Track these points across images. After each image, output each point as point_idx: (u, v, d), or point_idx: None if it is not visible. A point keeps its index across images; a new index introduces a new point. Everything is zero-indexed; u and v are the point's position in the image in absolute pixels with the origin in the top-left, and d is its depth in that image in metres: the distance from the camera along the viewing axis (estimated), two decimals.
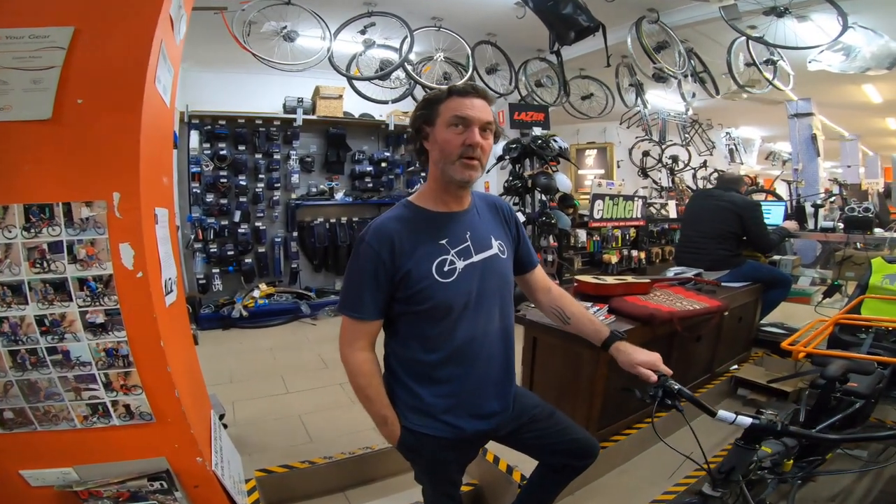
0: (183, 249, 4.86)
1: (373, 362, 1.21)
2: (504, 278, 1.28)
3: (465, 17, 4.20)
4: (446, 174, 1.16)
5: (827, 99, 6.41)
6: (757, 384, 3.03)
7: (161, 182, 1.67)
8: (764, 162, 10.08)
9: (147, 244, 1.38)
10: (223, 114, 4.87)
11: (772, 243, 3.44)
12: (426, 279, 1.15)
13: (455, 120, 1.13)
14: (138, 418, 1.37)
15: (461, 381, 1.21)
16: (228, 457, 1.80)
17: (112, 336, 1.32)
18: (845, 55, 3.52)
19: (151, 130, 1.46)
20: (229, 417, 2.60)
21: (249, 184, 5.04)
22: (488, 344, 1.24)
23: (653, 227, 6.63)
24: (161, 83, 1.55)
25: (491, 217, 1.32)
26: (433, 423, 1.21)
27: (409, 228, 1.18)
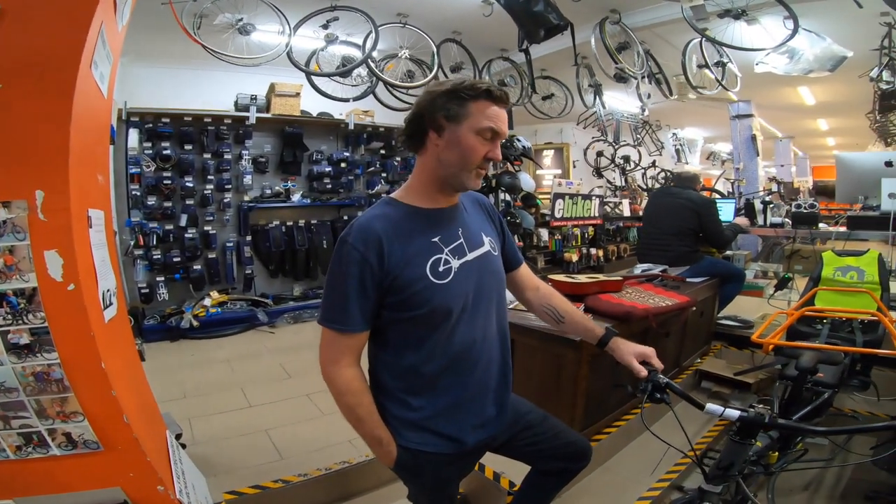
0: (122, 257, 4.46)
1: (361, 379, 1.10)
2: (499, 276, 1.22)
3: (432, 15, 4.13)
4: (457, 179, 1.08)
5: (766, 101, 6.84)
6: (720, 377, 3.13)
7: (95, 180, 1.49)
8: (705, 162, 10.65)
9: (79, 251, 1.21)
10: (167, 111, 4.52)
11: (727, 239, 3.58)
12: (420, 281, 1.05)
13: (487, 131, 1.05)
14: (83, 447, 1.24)
15: (461, 390, 1.13)
16: (192, 481, 1.67)
17: (41, 358, 1.16)
18: (790, 57, 3.72)
19: (85, 121, 1.29)
20: (187, 436, 2.40)
21: (197, 185, 4.70)
22: (487, 348, 1.16)
23: (609, 226, 6.83)
24: (98, 70, 1.38)
25: (477, 213, 1.24)
26: (433, 438, 1.12)
27: (397, 227, 1.07)
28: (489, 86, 1.06)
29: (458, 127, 1.04)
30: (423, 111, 1.07)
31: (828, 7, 3.53)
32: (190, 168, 4.64)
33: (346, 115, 5.31)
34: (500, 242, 1.28)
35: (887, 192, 3.09)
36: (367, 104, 4.99)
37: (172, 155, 4.53)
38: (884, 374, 2.75)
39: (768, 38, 3.57)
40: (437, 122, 1.05)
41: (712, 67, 4.16)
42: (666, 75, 4.72)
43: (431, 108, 1.06)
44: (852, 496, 2.05)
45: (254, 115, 4.79)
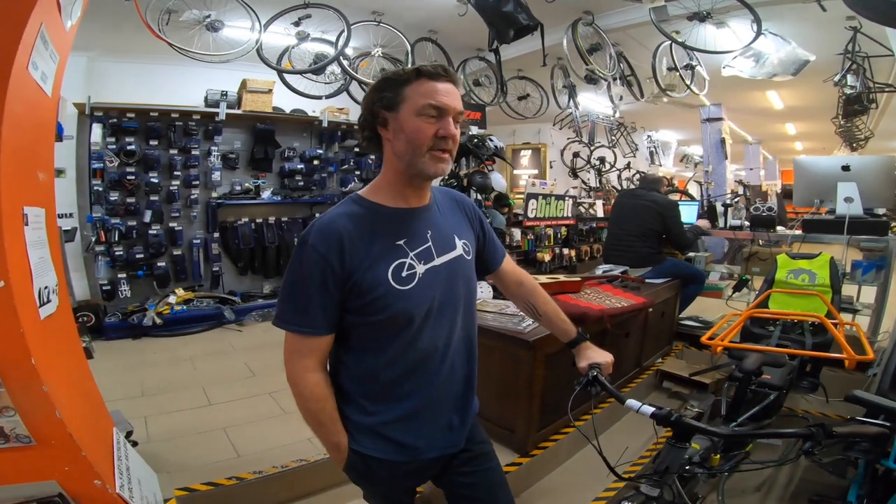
0: (83, 253, 4.35)
1: (325, 384, 1.05)
2: (469, 282, 1.15)
3: (407, 13, 4.11)
4: (414, 167, 1.01)
5: (736, 105, 7.01)
6: (680, 377, 3.20)
7: (35, 177, 1.47)
8: (679, 164, 10.87)
9: (10, 249, 1.20)
10: (132, 106, 4.41)
11: (689, 241, 3.66)
12: (381, 286, 0.99)
13: (428, 109, 0.98)
14: (15, 441, 1.25)
15: (421, 398, 1.08)
16: (138, 476, 1.67)
17: None
18: (755, 61, 3.81)
19: (21, 119, 1.28)
20: (141, 434, 2.36)
21: (163, 181, 4.60)
22: (451, 355, 1.11)
23: (582, 226, 6.92)
24: (39, 69, 1.36)
25: (453, 214, 1.18)
26: (387, 445, 1.07)
27: (360, 227, 1.01)
28: (418, 66, 1.02)
29: (398, 114, 1.00)
30: (366, 110, 1.05)
31: (794, 10, 3.59)
32: (155, 164, 4.53)
33: (319, 113, 5.26)
34: (479, 243, 1.25)
35: (842, 195, 3.20)
36: (341, 102, 4.96)
37: (137, 150, 4.42)
38: (834, 376, 2.85)
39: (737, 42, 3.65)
40: (381, 117, 1.02)
41: (681, 70, 4.24)
42: (638, 77, 4.80)
43: (371, 105, 1.03)
44: (802, 497, 2.09)
45: (224, 111, 4.70)
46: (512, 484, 2.02)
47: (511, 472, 2.05)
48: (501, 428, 2.23)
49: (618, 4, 3.78)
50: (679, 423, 1.22)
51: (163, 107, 4.54)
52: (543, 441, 2.21)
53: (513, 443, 2.19)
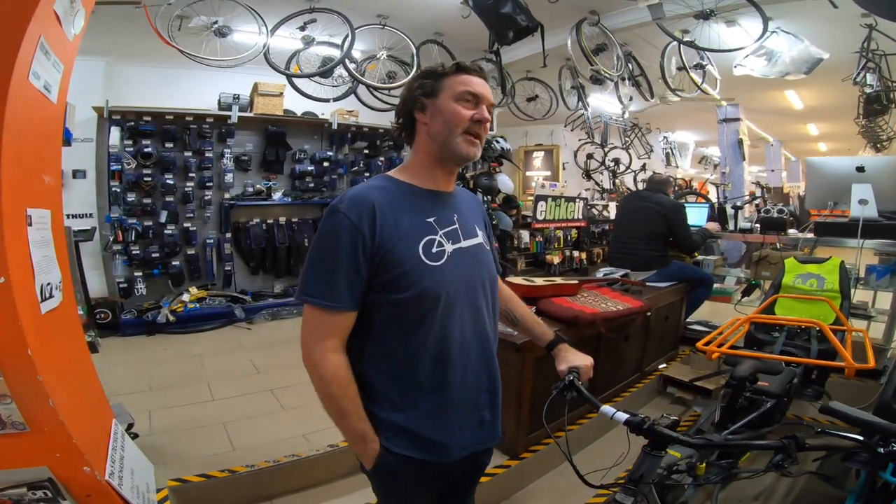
0: (102, 252, 4.52)
1: (348, 367, 1.00)
2: (491, 270, 1.15)
3: (412, 16, 4.14)
4: (447, 148, 1.04)
5: (753, 104, 6.83)
6: (683, 382, 3.15)
7: (40, 181, 1.55)
8: (697, 166, 10.65)
9: (11, 248, 1.28)
10: (149, 110, 4.56)
11: (695, 244, 3.60)
12: (411, 260, 0.98)
13: (466, 95, 1.04)
14: (11, 427, 1.32)
15: (451, 390, 1.04)
16: (132, 466, 1.74)
17: None
18: (767, 60, 3.72)
19: (23, 126, 1.35)
20: (144, 426, 2.45)
21: (178, 183, 4.74)
22: (480, 344, 1.09)
23: (594, 229, 6.83)
24: (41, 79, 1.44)
25: (475, 209, 1.21)
26: (420, 444, 1.03)
27: (392, 200, 1.01)
28: (458, 61, 1.09)
29: (437, 99, 1.05)
30: (405, 100, 1.11)
31: (806, 8, 3.50)
32: (171, 165, 4.68)
33: (330, 115, 5.34)
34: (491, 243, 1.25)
35: (857, 197, 3.10)
36: (351, 104, 5.02)
37: (153, 152, 4.57)
38: (845, 383, 2.77)
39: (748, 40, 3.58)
40: (420, 102, 1.07)
41: (691, 70, 4.17)
42: (648, 78, 4.73)
43: (411, 93, 1.09)
44: None
45: (236, 114, 4.82)
46: (501, 486, 2.08)
47: (499, 475, 2.06)
48: None
49: (622, 4, 3.73)
50: (652, 431, 1.21)
51: (178, 110, 4.68)
52: (534, 444, 2.20)
53: (502, 445, 2.19)
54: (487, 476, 2.03)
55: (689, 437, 1.21)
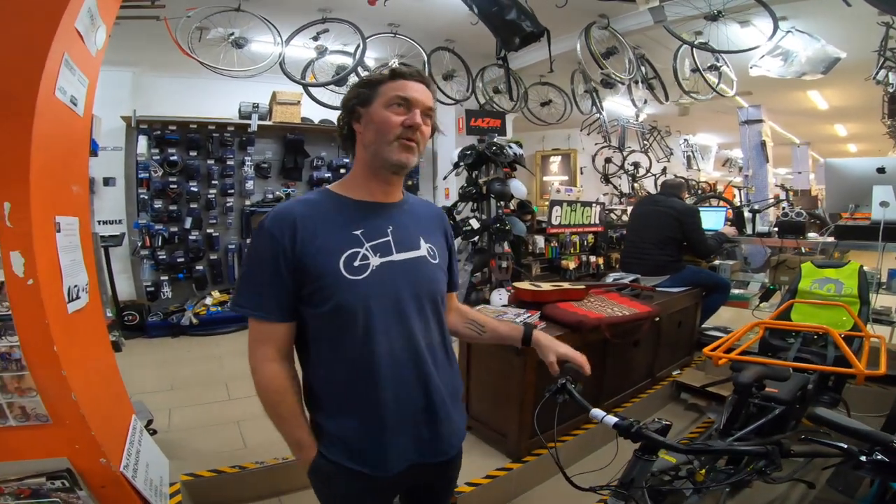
0: (130, 256, 4.73)
1: (285, 375, 1.02)
2: (434, 285, 1.10)
3: (422, 24, 4.22)
4: (380, 156, 1.03)
5: (776, 105, 6.67)
6: (697, 388, 3.11)
7: (69, 190, 1.64)
8: (721, 168, 10.43)
9: (40, 252, 1.38)
10: (174, 119, 4.77)
11: (710, 248, 3.55)
12: (330, 274, 0.97)
13: (397, 100, 1.02)
14: (35, 419, 1.39)
15: (381, 405, 1.02)
16: (147, 460, 1.80)
17: (4, 341, 1.33)
18: (783, 60, 3.65)
19: (52, 140, 1.45)
20: (163, 423, 2.56)
21: (202, 190, 4.93)
22: (413, 362, 1.04)
23: (612, 233, 6.77)
24: (67, 93, 1.53)
25: (427, 221, 1.17)
26: (351, 453, 1.03)
27: (318, 213, 1.02)
28: (395, 67, 1.09)
29: (371, 108, 1.04)
30: (345, 107, 1.10)
31: (821, 7, 3.43)
32: (195, 173, 4.87)
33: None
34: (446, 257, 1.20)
35: (878, 199, 3.01)
36: None
37: (179, 161, 4.77)
38: (867, 391, 2.70)
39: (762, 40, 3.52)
40: (356, 112, 1.06)
41: (705, 71, 4.12)
42: (662, 80, 4.69)
43: (349, 101, 1.08)
44: None
45: (255, 122, 4.98)
46: (502, 489, 2.10)
47: (501, 478, 2.08)
48: (495, 432, 2.26)
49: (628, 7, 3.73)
50: (640, 435, 1.22)
51: (201, 119, 4.88)
52: (538, 448, 2.21)
53: (505, 448, 2.22)
54: (489, 479, 2.06)
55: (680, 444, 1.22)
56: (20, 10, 1.34)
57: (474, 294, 4.37)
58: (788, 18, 3.57)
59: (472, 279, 4.40)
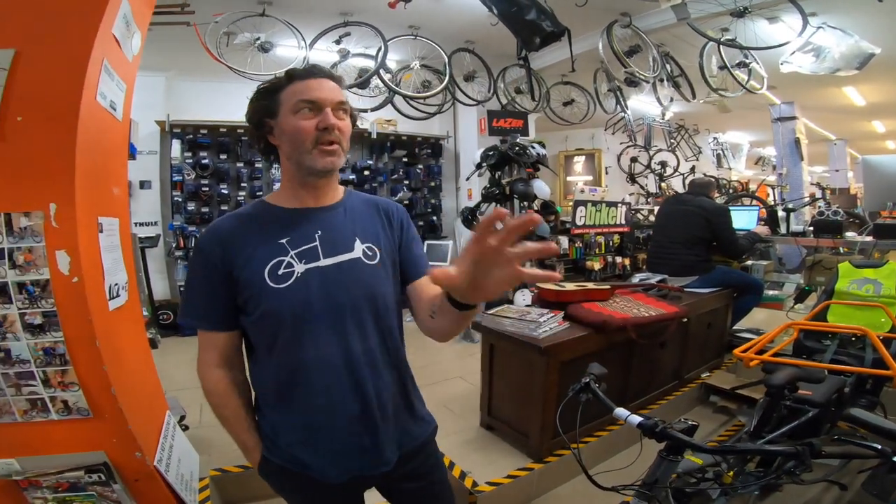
0: (165, 257, 4.91)
1: (227, 381, 1.06)
2: (371, 288, 1.04)
3: (442, 26, 4.26)
4: (303, 166, 1.00)
5: (810, 102, 6.44)
6: (726, 391, 3.03)
7: (110, 192, 1.71)
8: (754, 167, 10.11)
9: (84, 251, 1.43)
10: (205, 123, 4.93)
11: (741, 248, 3.45)
12: (256, 284, 0.98)
13: (302, 104, 0.98)
14: (76, 413, 1.43)
15: (315, 411, 1.02)
16: (179, 455, 1.83)
17: (49, 336, 1.39)
18: (815, 56, 3.54)
19: (93, 143, 1.50)
20: (196, 419, 2.63)
21: (232, 192, 5.08)
22: (346, 368, 1.01)
23: (639, 234, 6.65)
24: (107, 98, 1.59)
25: (366, 218, 1.11)
26: (290, 457, 1.04)
27: (247, 226, 1.04)
28: (290, 68, 1.04)
29: (279, 118, 1.01)
30: (251, 122, 1.07)
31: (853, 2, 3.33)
32: (225, 176, 5.03)
33: (369, 125, 5.54)
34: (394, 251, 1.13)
35: None
36: (389, 113, 5.19)
37: (210, 164, 4.93)
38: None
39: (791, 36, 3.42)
40: (267, 126, 1.04)
41: (733, 68, 4.02)
42: (689, 78, 4.59)
43: (254, 116, 1.05)
44: None
45: None
46: (523, 490, 2.10)
47: (522, 478, 2.08)
48: (516, 432, 2.26)
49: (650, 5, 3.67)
50: (665, 435, 1.21)
51: (230, 122, 5.02)
52: (561, 449, 2.20)
53: (527, 448, 2.22)
54: (509, 478, 2.06)
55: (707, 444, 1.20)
56: (63, 17, 1.40)
57: None
58: (818, 14, 3.46)
59: None
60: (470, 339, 4.15)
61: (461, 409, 2.81)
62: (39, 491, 1.48)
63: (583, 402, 1.31)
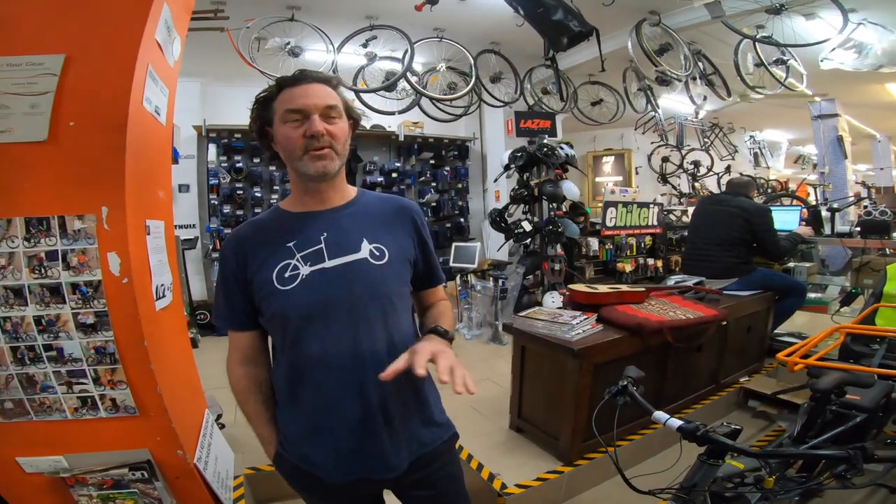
0: (202, 259, 5.08)
1: (249, 378, 1.12)
2: (375, 288, 1.05)
3: (467, 28, 4.26)
4: (299, 172, 1.04)
5: (852, 99, 6.17)
6: (766, 395, 2.93)
7: (156, 196, 1.76)
8: (793, 166, 9.72)
9: (133, 253, 1.46)
10: (239, 127, 5.06)
11: (783, 250, 3.32)
12: (266, 286, 1.03)
13: (290, 114, 1.01)
14: (123, 411, 1.47)
15: (319, 410, 1.05)
16: (217, 453, 1.86)
17: (101, 335, 1.43)
18: (857, 52, 3.40)
19: (141, 148, 1.54)
20: (230, 418, 2.68)
21: (264, 195, 5.21)
22: (352, 369, 1.02)
23: (671, 235, 6.48)
24: (152, 103, 1.62)
25: (378, 219, 1.11)
26: (299, 455, 1.08)
27: (261, 232, 1.09)
28: (280, 77, 1.08)
29: (274, 127, 1.05)
30: (254, 132, 1.11)
31: None
32: (259, 179, 5.17)
33: (396, 128, 5.59)
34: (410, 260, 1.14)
35: None
36: (416, 116, 5.23)
37: (244, 167, 5.08)
38: None
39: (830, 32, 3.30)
40: (268, 135, 1.08)
41: (770, 66, 3.88)
42: (723, 76, 4.46)
43: (254, 125, 1.10)
44: None
45: None
46: (552, 492, 2.08)
47: (551, 481, 2.06)
48: (547, 434, 2.24)
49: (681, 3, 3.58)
50: (707, 439, 1.18)
51: None
52: (591, 452, 2.17)
53: (556, 450, 2.19)
54: (539, 481, 2.04)
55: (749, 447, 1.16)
56: (109, 22, 1.44)
57: (526, 297, 4.34)
58: (857, 10, 3.32)
59: (525, 282, 4.37)
60: (499, 342, 4.13)
61: (490, 412, 2.79)
62: (85, 488, 1.52)
63: (620, 406, 1.29)
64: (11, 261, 1.42)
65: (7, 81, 1.41)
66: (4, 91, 1.41)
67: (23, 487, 1.52)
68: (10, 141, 1.40)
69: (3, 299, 1.40)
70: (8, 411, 1.45)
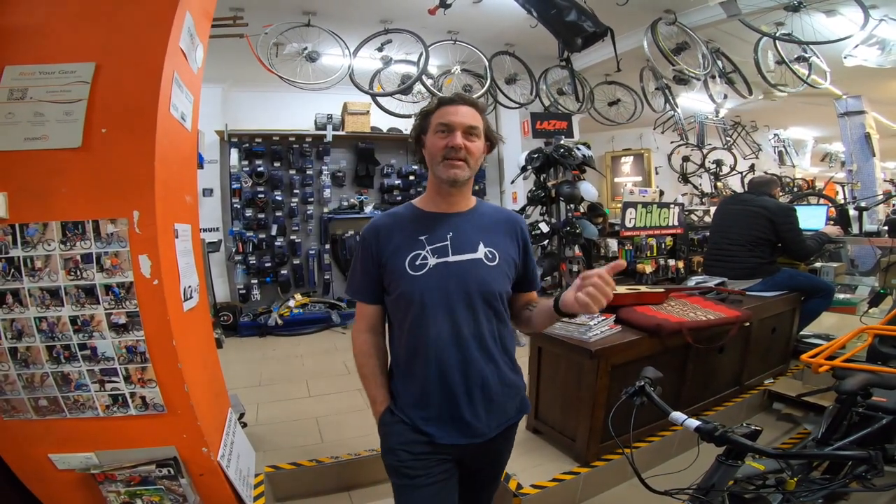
0: (225, 262, 5.20)
1: (371, 344, 1.32)
2: (485, 285, 1.23)
3: (481, 30, 4.27)
4: (436, 175, 1.24)
5: (880, 96, 5.97)
6: (790, 398, 2.86)
7: (183, 200, 1.80)
8: (820, 164, 9.44)
9: (163, 255, 1.52)
10: (259, 132, 5.17)
11: (808, 250, 3.24)
12: (398, 270, 1.22)
13: (440, 126, 1.22)
14: (152, 409, 1.54)
15: (427, 380, 1.22)
16: (239, 451, 1.91)
17: (132, 335, 1.50)
18: (881, 49, 3.31)
19: (169, 154, 1.60)
20: (252, 417, 2.76)
21: (285, 199, 5.30)
22: (457, 348, 1.20)
23: (693, 235, 6.35)
24: (178, 110, 1.68)
25: (492, 227, 1.30)
26: (404, 414, 1.25)
27: (397, 223, 1.28)
28: (441, 96, 1.30)
29: (426, 136, 1.27)
30: (412, 138, 1.34)
31: None
32: (279, 183, 5.26)
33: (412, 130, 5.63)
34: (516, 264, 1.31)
35: None
36: None
37: (265, 171, 5.18)
38: None
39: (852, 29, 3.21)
40: (421, 141, 1.30)
41: (792, 63, 3.79)
42: (743, 74, 4.37)
43: (414, 132, 1.33)
44: None
45: (330, 132, 5.29)
46: (568, 493, 2.08)
47: (567, 481, 2.05)
48: (563, 435, 2.23)
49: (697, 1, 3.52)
50: (725, 439, 1.17)
51: (282, 131, 5.26)
52: (608, 453, 2.15)
53: (573, 451, 2.18)
54: (555, 482, 2.04)
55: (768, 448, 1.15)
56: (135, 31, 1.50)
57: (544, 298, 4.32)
58: (879, 7, 3.23)
59: (543, 283, 4.35)
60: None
61: None
62: (114, 485, 1.57)
63: (637, 406, 1.29)
64: (48, 263, 1.49)
65: (41, 89, 1.47)
66: (39, 98, 1.48)
67: (53, 485, 1.57)
68: (46, 147, 1.47)
69: (40, 300, 1.47)
70: (42, 409, 1.51)
